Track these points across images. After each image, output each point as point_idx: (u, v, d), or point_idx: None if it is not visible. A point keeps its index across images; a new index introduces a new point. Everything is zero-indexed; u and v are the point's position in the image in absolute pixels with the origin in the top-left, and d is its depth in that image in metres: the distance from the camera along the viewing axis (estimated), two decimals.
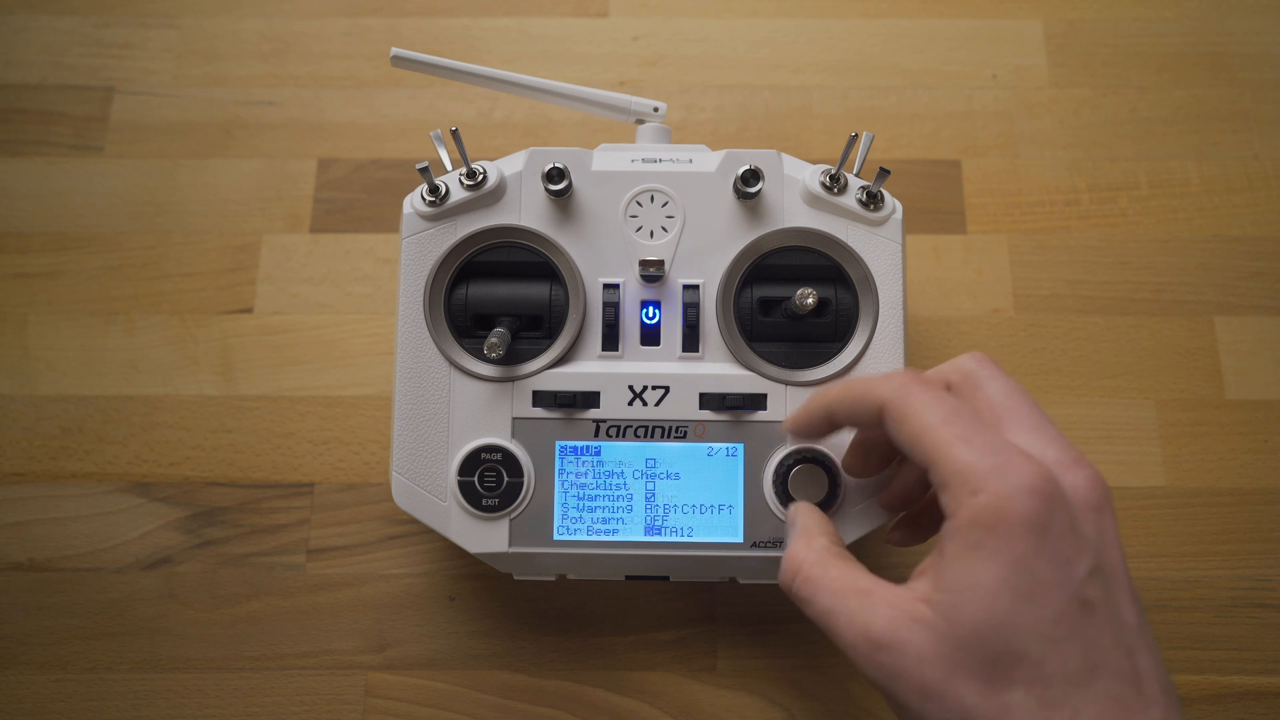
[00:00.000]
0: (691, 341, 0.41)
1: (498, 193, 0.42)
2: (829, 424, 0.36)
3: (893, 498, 0.38)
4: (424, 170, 0.40)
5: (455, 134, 0.40)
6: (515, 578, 0.44)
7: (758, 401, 0.41)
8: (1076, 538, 0.29)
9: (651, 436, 0.41)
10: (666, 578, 0.43)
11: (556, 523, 0.41)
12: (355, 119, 0.55)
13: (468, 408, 0.41)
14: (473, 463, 0.40)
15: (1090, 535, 0.29)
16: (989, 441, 0.30)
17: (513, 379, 0.41)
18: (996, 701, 0.28)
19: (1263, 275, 0.52)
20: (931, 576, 0.30)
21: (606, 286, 0.42)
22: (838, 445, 0.40)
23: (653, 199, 0.42)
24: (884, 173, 0.40)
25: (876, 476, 0.40)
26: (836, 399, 0.35)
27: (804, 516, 0.37)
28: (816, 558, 0.34)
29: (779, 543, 0.40)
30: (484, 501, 0.40)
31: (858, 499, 0.40)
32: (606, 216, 0.42)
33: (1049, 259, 0.52)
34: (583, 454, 0.41)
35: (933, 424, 0.30)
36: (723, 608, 0.47)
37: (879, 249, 0.42)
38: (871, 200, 0.41)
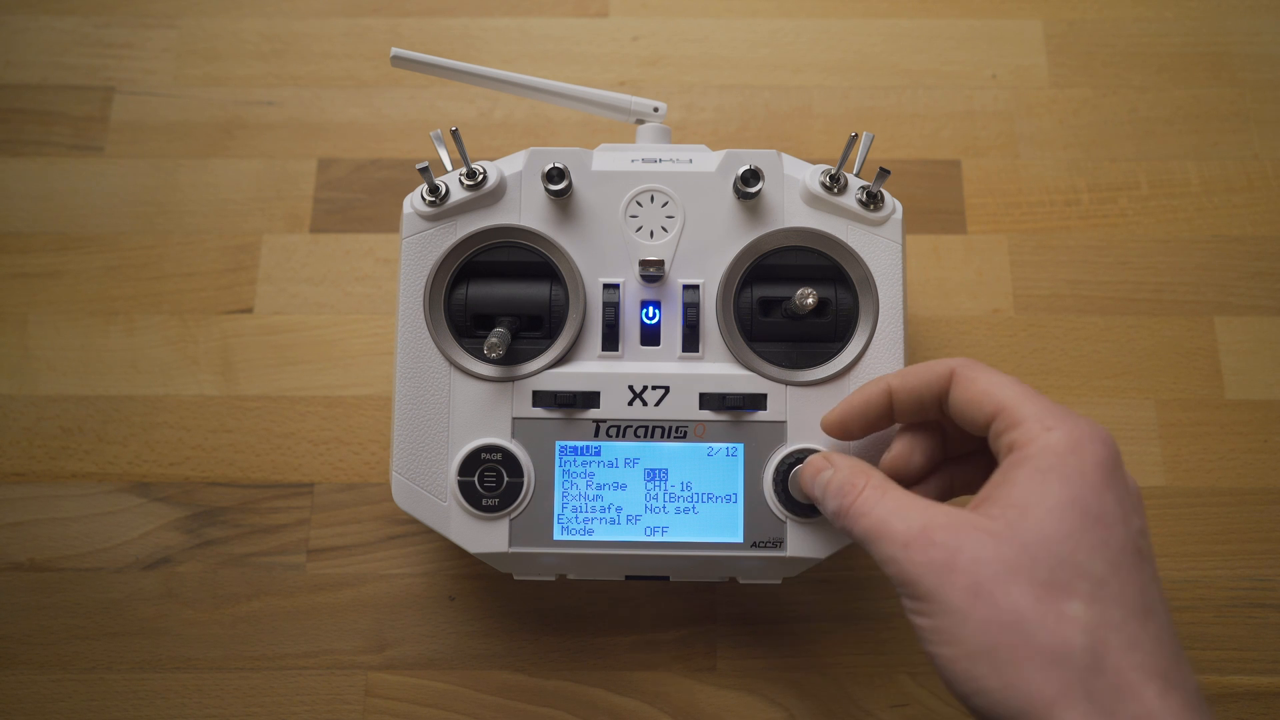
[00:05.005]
0: (691, 341, 0.41)
1: (498, 193, 0.42)
2: (885, 406, 0.36)
3: (895, 460, 0.37)
4: (424, 170, 0.40)
5: (455, 134, 0.40)
6: (515, 578, 0.44)
7: (758, 401, 0.41)
8: (1132, 496, 0.31)
9: (651, 436, 0.41)
10: (666, 578, 0.43)
11: (556, 523, 0.41)
12: (355, 119, 0.55)
13: (468, 408, 0.41)
14: (473, 463, 0.40)
15: (1138, 503, 0.31)
16: (1053, 403, 0.32)
17: (513, 379, 0.41)
18: (1054, 609, 0.28)
19: (1263, 275, 0.52)
20: (992, 500, 0.30)
21: (606, 286, 0.42)
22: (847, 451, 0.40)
23: (653, 199, 0.42)
24: (884, 173, 0.40)
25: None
26: (897, 374, 0.36)
27: (845, 457, 0.37)
28: (878, 482, 0.34)
29: (779, 542, 0.40)
30: (484, 501, 0.40)
31: None
32: (606, 216, 0.42)
33: (1049, 259, 0.52)
34: (583, 454, 0.41)
35: (1003, 382, 0.33)
36: (723, 608, 0.47)
37: (879, 249, 0.42)
38: (871, 200, 0.41)
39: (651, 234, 0.42)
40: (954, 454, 0.38)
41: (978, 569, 0.29)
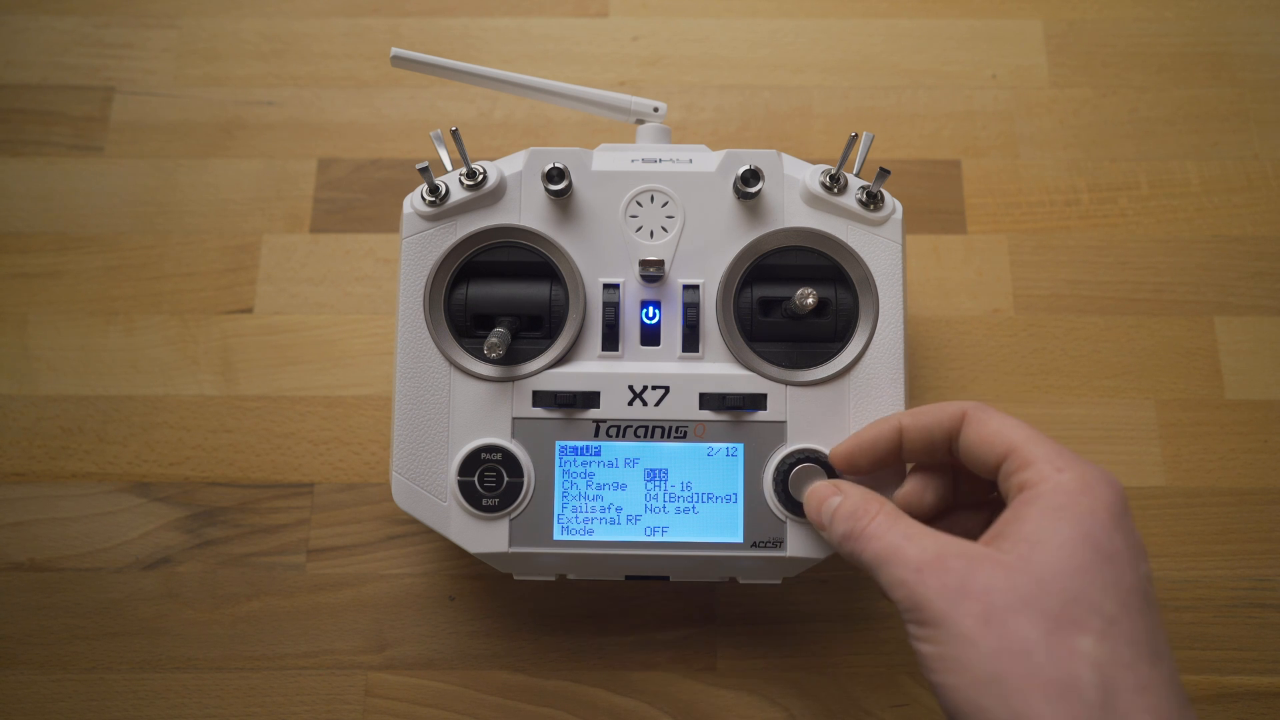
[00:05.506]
0: (691, 341, 0.41)
1: (498, 193, 0.42)
2: (894, 443, 0.37)
3: (908, 497, 0.38)
4: (424, 170, 0.40)
5: (455, 134, 0.40)
6: (515, 578, 0.44)
7: (758, 401, 0.41)
8: (1138, 544, 0.31)
9: (651, 436, 0.41)
10: (666, 578, 0.43)
11: (556, 523, 0.41)
12: (355, 119, 0.55)
13: (468, 408, 0.41)
14: (473, 463, 0.40)
15: (1144, 551, 0.31)
16: (1064, 447, 0.32)
17: (513, 379, 0.41)
18: (1065, 643, 0.28)
19: (1263, 275, 0.52)
20: (1002, 536, 0.31)
21: (606, 286, 0.42)
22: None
23: (653, 199, 0.42)
24: (884, 173, 0.40)
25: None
26: (908, 413, 0.36)
27: (855, 486, 0.37)
28: (891, 509, 0.34)
29: (779, 542, 0.40)
30: (484, 501, 0.40)
31: None
32: (606, 216, 0.42)
33: (1049, 259, 0.52)
34: (583, 454, 0.41)
35: (1014, 425, 0.33)
36: (723, 608, 0.47)
37: (879, 249, 0.42)
38: (871, 200, 0.41)
39: (651, 234, 0.42)
40: (961, 502, 0.38)
41: (990, 596, 0.29)
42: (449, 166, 0.42)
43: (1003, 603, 0.28)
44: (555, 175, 0.40)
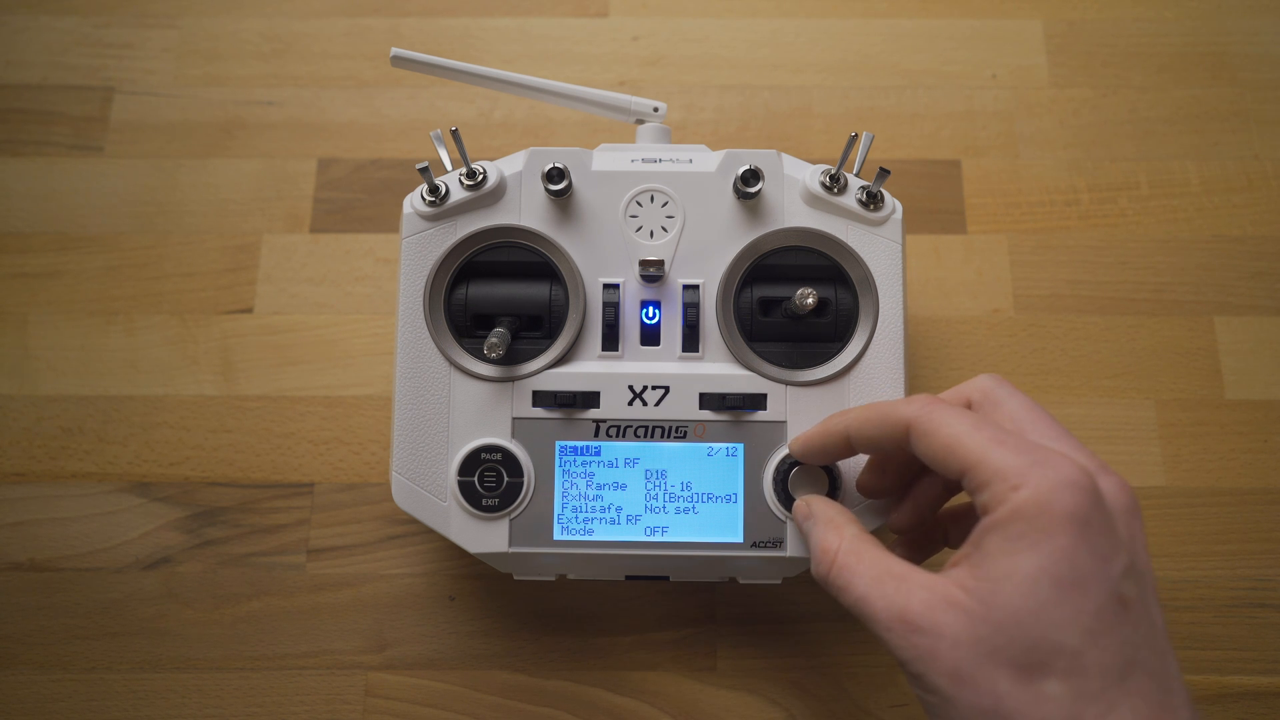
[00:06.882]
0: (691, 341, 0.41)
1: (498, 193, 0.42)
2: (844, 448, 0.36)
3: (903, 518, 0.38)
4: (424, 170, 0.40)
5: (455, 134, 0.40)
6: (515, 578, 0.44)
7: (758, 401, 0.41)
8: (1112, 536, 0.30)
9: (651, 436, 0.41)
10: (666, 578, 0.43)
11: (556, 523, 0.41)
12: (355, 119, 0.55)
13: (468, 408, 0.41)
14: (473, 463, 0.40)
15: (1124, 536, 0.30)
16: (1023, 443, 0.31)
17: (513, 379, 0.41)
18: (1031, 691, 0.28)
19: (1263, 275, 0.52)
20: (967, 567, 0.30)
21: (606, 286, 0.42)
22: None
23: (653, 199, 0.42)
24: (884, 173, 0.40)
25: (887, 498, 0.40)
26: (856, 421, 0.35)
27: (823, 507, 0.37)
28: (850, 545, 0.34)
29: (779, 542, 0.40)
30: (484, 501, 0.40)
31: (857, 498, 0.40)
32: (606, 216, 0.42)
33: (1049, 259, 0.52)
34: (583, 454, 0.41)
35: (964, 432, 0.31)
36: (723, 608, 0.47)
37: (879, 249, 0.42)
38: (871, 200, 0.41)
39: (651, 234, 0.42)
40: None
41: (958, 654, 0.29)
42: (449, 166, 0.42)
43: (970, 658, 0.29)
44: (555, 175, 0.40)
